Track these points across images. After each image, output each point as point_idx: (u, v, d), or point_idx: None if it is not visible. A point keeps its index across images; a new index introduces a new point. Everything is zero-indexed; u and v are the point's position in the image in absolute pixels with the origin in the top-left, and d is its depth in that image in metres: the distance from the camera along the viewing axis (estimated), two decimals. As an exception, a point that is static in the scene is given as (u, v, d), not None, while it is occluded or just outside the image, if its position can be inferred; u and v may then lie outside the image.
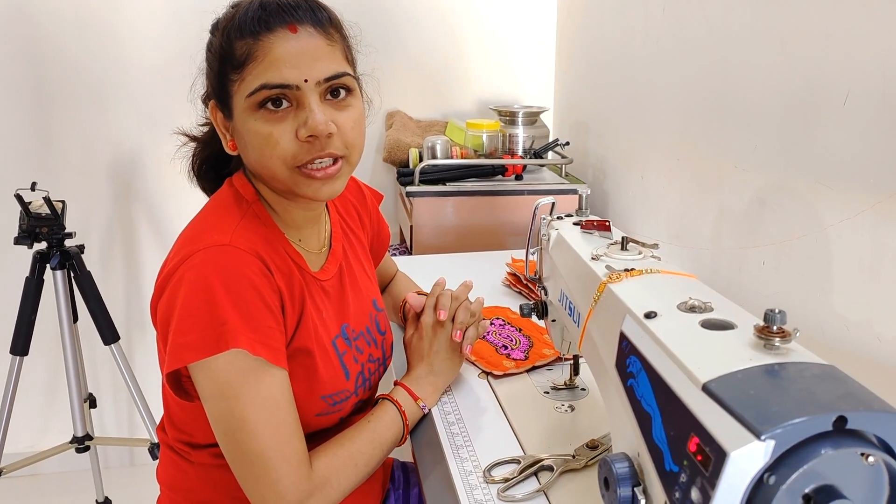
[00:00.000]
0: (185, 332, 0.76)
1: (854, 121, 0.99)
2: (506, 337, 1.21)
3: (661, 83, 1.54)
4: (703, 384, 0.53)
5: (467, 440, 0.92)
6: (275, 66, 0.78)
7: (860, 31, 0.97)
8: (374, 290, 1.07)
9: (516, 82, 2.27)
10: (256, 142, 0.80)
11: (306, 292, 0.88)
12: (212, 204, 0.89)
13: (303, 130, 0.80)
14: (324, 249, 0.97)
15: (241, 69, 0.80)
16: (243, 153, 0.86)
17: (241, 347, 0.75)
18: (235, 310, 0.76)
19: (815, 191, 1.07)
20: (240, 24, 0.80)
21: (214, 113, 0.87)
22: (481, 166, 1.83)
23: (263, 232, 0.86)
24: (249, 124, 0.80)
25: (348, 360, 0.94)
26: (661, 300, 0.67)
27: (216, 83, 0.84)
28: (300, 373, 0.86)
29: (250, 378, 0.77)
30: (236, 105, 0.82)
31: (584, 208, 0.97)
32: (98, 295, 1.62)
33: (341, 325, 0.95)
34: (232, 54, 0.80)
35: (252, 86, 0.79)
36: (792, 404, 0.49)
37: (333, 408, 0.91)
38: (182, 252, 0.80)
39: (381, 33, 2.13)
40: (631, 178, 1.71)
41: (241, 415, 0.76)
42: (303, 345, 0.86)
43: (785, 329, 0.56)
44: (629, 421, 0.63)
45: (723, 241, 1.32)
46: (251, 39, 0.79)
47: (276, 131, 0.79)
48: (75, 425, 1.73)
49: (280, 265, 0.85)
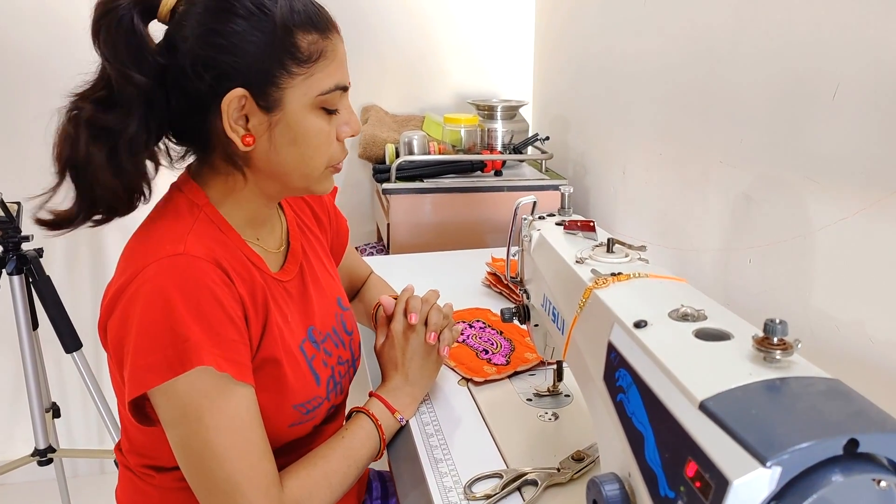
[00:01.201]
0: (145, 353, 0.70)
1: (844, 114, 0.95)
2: (486, 340, 1.16)
3: (643, 75, 1.50)
4: (701, 402, 0.49)
5: (447, 453, 0.88)
6: (343, 68, 0.81)
7: (850, 21, 0.93)
8: (337, 287, 1.02)
9: (494, 76, 2.22)
10: (316, 139, 0.80)
11: (269, 297, 0.83)
12: (158, 212, 0.82)
13: (346, 129, 0.83)
14: (282, 248, 0.92)
15: (308, 64, 0.77)
16: (276, 149, 0.78)
17: (206, 364, 0.70)
18: (197, 324, 0.71)
19: (803, 187, 1.03)
20: (306, 17, 0.76)
21: (237, 103, 0.75)
22: (459, 162, 1.79)
23: (219, 236, 0.80)
24: (310, 121, 0.79)
25: (317, 364, 0.88)
26: (652, 307, 0.63)
27: (263, 73, 0.75)
28: (269, 384, 0.81)
29: (215, 398, 0.71)
30: (292, 99, 0.77)
31: (566, 207, 0.93)
32: (58, 301, 1.55)
33: (307, 327, 0.90)
34: (295, 46, 0.75)
35: (326, 85, 0.78)
36: (799, 426, 0.44)
37: (306, 416, 0.86)
38: (133, 266, 0.74)
39: (356, 25, 2.07)
40: (613, 173, 1.67)
41: (206, 439, 0.71)
42: (269, 354, 0.81)
43: (786, 340, 0.52)
44: (619, 439, 0.59)
45: (708, 239, 1.28)
46: (319, 36, 0.78)
47: (331, 130, 0.82)
48: (37, 437, 1.65)
49: (240, 271, 0.79)
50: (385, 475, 1.18)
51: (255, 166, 0.81)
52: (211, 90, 0.75)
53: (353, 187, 2.21)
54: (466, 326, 1.22)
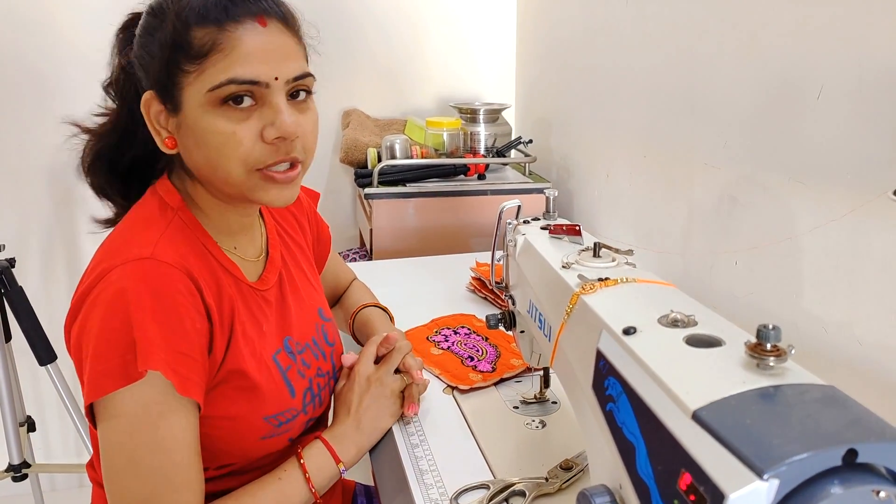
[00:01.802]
0: (104, 358, 0.68)
1: (829, 115, 0.95)
2: (471, 347, 1.14)
3: (626, 77, 1.49)
4: (694, 412, 0.47)
5: (432, 464, 0.86)
6: (245, 60, 0.72)
7: (834, 21, 0.93)
8: (318, 298, 0.99)
9: (476, 79, 2.20)
10: (215, 140, 0.73)
11: (241, 306, 0.81)
12: (132, 214, 0.80)
13: (271, 131, 0.74)
14: (261, 257, 0.90)
15: (200, 60, 0.72)
16: (187, 152, 0.77)
17: (155, 368, 0.68)
18: (154, 328, 0.69)
19: (789, 188, 1.02)
20: (200, 9, 0.72)
21: (149, 106, 0.76)
22: (442, 166, 1.77)
23: (192, 242, 0.78)
24: (207, 121, 0.73)
25: (292, 375, 0.86)
26: (640, 313, 0.61)
27: (160, 73, 0.74)
28: (236, 395, 0.79)
29: (153, 414, 0.69)
30: (188, 98, 0.73)
31: (551, 211, 0.91)
32: (31, 312, 1.51)
33: (283, 337, 0.87)
34: (188, 42, 0.72)
35: (216, 79, 0.72)
36: (796, 436, 0.43)
37: (279, 429, 0.84)
38: (98, 269, 0.72)
39: (336, 28, 2.04)
40: (596, 176, 1.66)
41: (132, 453, 0.69)
42: (236, 365, 0.78)
43: (779, 347, 0.50)
44: (609, 449, 0.57)
45: (694, 241, 1.27)
46: (214, 28, 0.72)
47: (239, 130, 0.73)
48: (10, 453, 1.60)
49: (209, 279, 0.77)
50: (371, 490, 1.15)
51: (189, 171, 0.80)
52: (139, 94, 0.77)
53: (335, 192, 2.18)
54: (451, 332, 1.20)
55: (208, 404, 0.77)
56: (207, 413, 0.77)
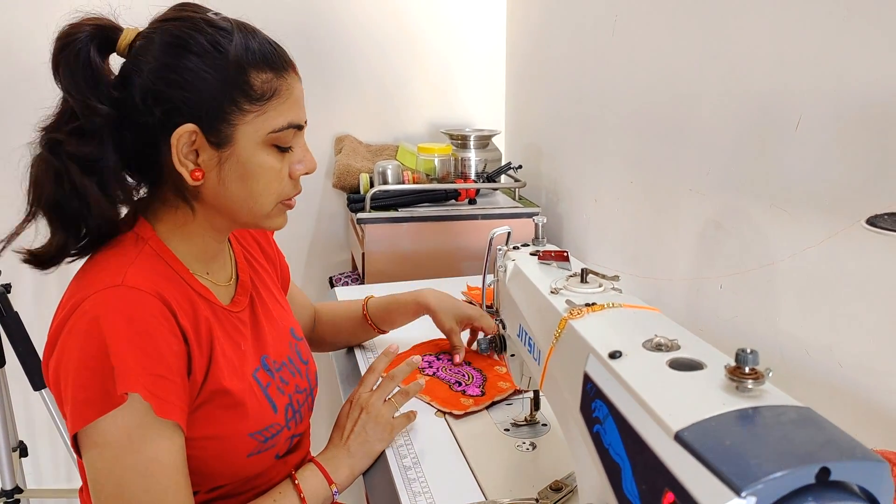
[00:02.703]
0: (84, 388, 0.70)
1: (807, 145, 0.98)
2: (457, 373, 1.16)
3: (613, 106, 1.53)
4: (676, 433, 0.49)
5: (425, 486, 0.87)
6: (297, 107, 0.83)
7: (811, 55, 0.96)
8: (289, 318, 1.02)
9: (467, 105, 2.24)
10: (266, 175, 0.81)
11: (217, 328, 0.83)
12: (104, 248, 0.81)
13: (300, 168, 0.85)
14: (231, 281, 0.93)
15: (262, 102, 0.78)
16: (226, 185, 0.80)
17: (134, 391, 0.69)
18: (129, 352, 0.70)
19: (771, 214, 1.06)
20: (261, 56, 0.78)
21: (187, 138, 0.76)
22: (434, 191, 1.80)
23: (164, 269, 0.80)
24: (261, 157, 0.80)
25: (273, 392, 0.88)
26: (626, 338, 0.63)
27: (214, 110, 0.76)
28: (221, 414, 0.81)
29: (135, 439, 0.70)
30: (244, 136, 0.78)
31: (540, 237, 0.94)
32: (26, 337, 1.52)
33: (260, 356, 0.90)
34: (248, 84, 0.77)
35: (279, 123, 0.80)
36: (772, 455, 0.45)
37: (265, 444, 0.85)
38: (72, 300, 0.74)
39: (329, 56, 2.08)
40: (585, 201, 1.70)
41: (120, 478, 0.70)
42: (218, 385, 0.80)
43: (757, 370, 0.53)
44: (597, 470, 0.59)
45: (679, 265, 1.30)
46: (273, 75, 0.79)
47: (283, 168, 0.83)
48: (3, 478, 1.60)
49: (183, 303, 0.79)
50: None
51: (205, 200, 0.82)
52: (161, 124, 0.76)
53: (328, 217, 2.20)
54: (434, 359, 1.21)
55: (194, 425, 0.78)
56: (194, 434, 0.78)
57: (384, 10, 2.10)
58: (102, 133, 0.76)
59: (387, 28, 2.12)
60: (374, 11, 2.10)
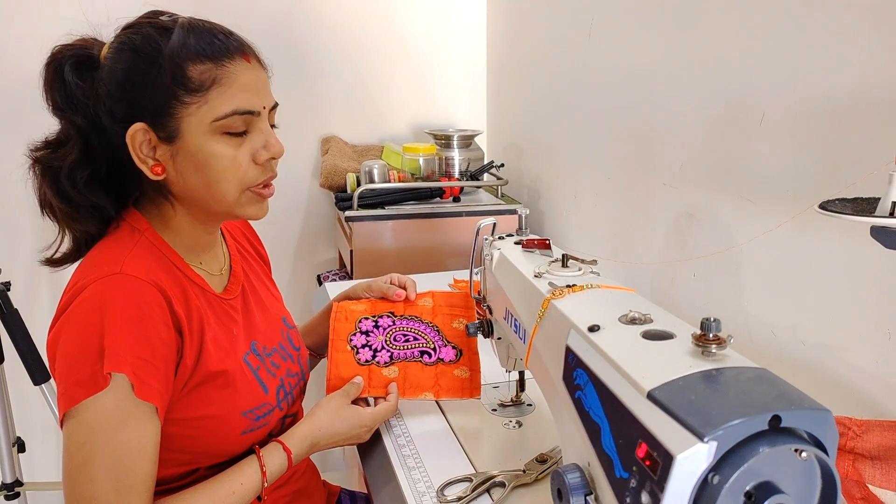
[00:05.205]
0: (75, 370, 0.75)
1: (770, 138, 1.05)
2: (413, 340, 1.11)
3: (590, 106, 1.60)
4: (648, 392, 0.56)
5: (419, 461, 0.93)
6: (244, 93, 0.83)
7: (772, 57, 1.04)
8: (281, 308, 1.08)
9: (449, 106, 2.31)
10: (218, 164, 0.83)
11: (210, 314, 0.88)
12: (103, 240, 0.87)
13: (263, 153, 0.86)
14: (224, 270, 0.98)
15: (202, 93, 0.81)
16: (184, 177, 0.84)
17: (121, 371, 0.74)
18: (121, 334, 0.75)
19: (738, 205, 1.13)
20: (195, 48, 0.81)
21: (140, 136, 0.82)
22: (419, 189, 1.86)
23: (159, 259, 0.86)
24: (210, 147, 0.82)
25: (263, 374, 0.94)
26: (603, 314, 0.70)
27: (157, 106, 0.81)
28: (215, 395, 0.86)
29: (112, 420, 0.74)
30: (190, 128, 0.81)
31: (524, 228, 1.00)
32: (27, 333, 1.55)
33: (250, 342, 0.95)
34: (186, 77, 0.80)
35: (222, 110, 0.82)
36: (730, 407, 0.52)
37: (258, 423, 0.91)
38: (73, 288, 0.79)
39: (314, 60, 2.13)
40: (565, 197, 1.76)
41: (88, 456, 0.74)
42: (210, 368, 0.85)
43: (720, 336, 0.59)
44: (578, 432, 0.65)
45: (655, 256, 1.37)
46: (212, 65, 0.81)
47: (239, 154, 0.84)
48: (3, 472, 1.63)
49: (177, 291, 0.84)
50: (357, 495, 1.22)
51: (176, 194, 0.87)
52: (121, 126, 0.82)
53: (315, 216, 2.25)
54: (372, 326, 1.12)
55: (190, 406, 0.84)
56: (191, 414, 0.84)
57: (367, 15, 2.16)
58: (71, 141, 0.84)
59: (371, 32, 2.18)
60: (358, 16, 2.15)
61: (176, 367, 0.81)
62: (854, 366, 0.94)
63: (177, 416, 0.83)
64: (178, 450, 0.85)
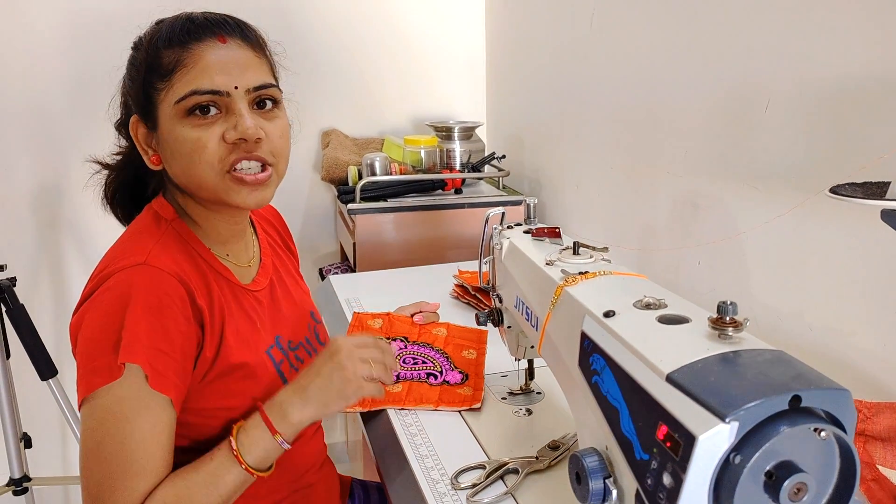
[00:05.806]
0: (94, 357, 0.76)
1: (775, 125, 1.06)
2: (420, 364, 1.14)
3: (592, 95, 1.60)
4: (667, 375, 0.56)
5: (431, 450, 0.93)
6: (205, 73, 0.80)
7: (777, 43, 1.04)
8: (309, 302, 1.08)
9: (450, 98, 2.31)
10: (185, 148, 0.81)
11: (234, 305, 0.88)
12: (130, 228, 0.89)
13: (231, 133, 0.81)
14: (253, 262, 0.98)
15: (168, 77, 0.81)
16: (169, 164, 0.85)
17: (137, 362, 0.75)
18: (141, 325, 0.76)
19: (743, 192, 1.13)
20: (167, 34, 0.82)
21: (136, 128, 0.86)
22: (421, 181, 1.86)
23: (184, 249, 0.86)
24: (177, 131, 0.81)
25: (285, 368, 0.94)
26: (618, 299, 0.70)
27: (139, 96, 0.84)
28: (235, 386, 0.86)
29: (125, 408, 0.75)
30: (162, 114, 0.82)
31: (532, 217, 1.00)
32: (33, 329, 1.55)
33: (275, 336, 0.95)
34: (158, 63, 0.81)
35: (181, 92, 0.80)
36: (750, 387, 0.52)
37: None
38: (99, 275, 0.80)
39: (314, 54, 2.13)
40: (567, 187, 1.77)
41: (100, 440, 0.75)
42: (232, 360, 0.85)
43: (737, 319, 0.60)
44: (595, 417, 0.66)
45: (659, 244, 1.38)
46: (179, 48, 0.81)
47: (204, 136, 0.80)
48: (11, 467, 1.64)
49: (199, 283, 0.84)
50: (367, 484, 1.22)
51: (176, 183, 0.88)
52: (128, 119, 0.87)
53: (317, 209, 2.25)
54: None
55: (210, 396, 0.84)
56: (210, 405, 0.84)
57: (366, 7, 2.16)
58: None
59: (370, 24, 2.17)
60: (357, 9, 2.15)
61: (195, 360, 0.82)
62: (863, 349, 0.95)
63: (195, 405, 0.83)
64: (196, 438, 0.85)
